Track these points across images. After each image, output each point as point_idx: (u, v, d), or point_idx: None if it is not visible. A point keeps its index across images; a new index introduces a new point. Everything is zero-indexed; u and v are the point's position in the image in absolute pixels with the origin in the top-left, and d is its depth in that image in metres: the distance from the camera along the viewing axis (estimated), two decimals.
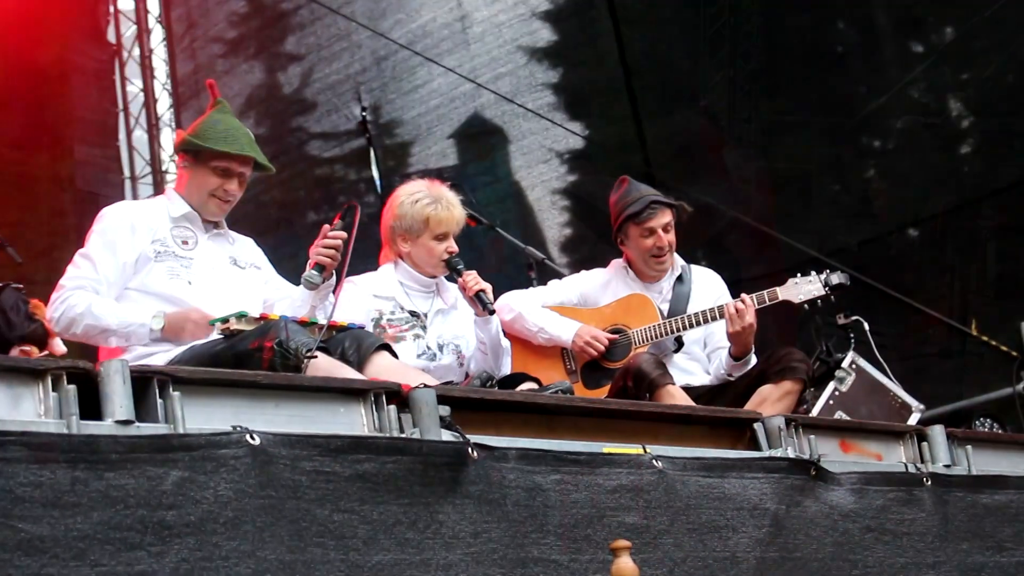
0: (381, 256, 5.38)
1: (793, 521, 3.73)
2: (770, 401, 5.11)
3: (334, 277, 4.57)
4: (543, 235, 9.29)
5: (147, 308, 4.35)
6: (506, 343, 5.21)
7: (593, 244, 8.61)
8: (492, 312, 4.99)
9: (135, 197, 10.00)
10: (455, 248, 5.15)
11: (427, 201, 5.14)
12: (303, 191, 10.35)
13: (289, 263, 5.40)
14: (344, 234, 4.54)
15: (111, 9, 10.62)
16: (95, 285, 4.35)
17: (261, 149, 4.73)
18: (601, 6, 8.82)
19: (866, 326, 6.13)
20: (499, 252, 8.48)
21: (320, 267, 4.52)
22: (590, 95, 9.14)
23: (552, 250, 9.19)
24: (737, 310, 5.32)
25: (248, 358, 3.92)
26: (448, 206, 5.14)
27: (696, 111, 8.79)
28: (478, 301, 4.99)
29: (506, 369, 5.11)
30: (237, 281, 4.61)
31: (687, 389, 5.31)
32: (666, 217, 5.68)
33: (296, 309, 4.53)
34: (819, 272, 5.47)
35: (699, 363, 5.69)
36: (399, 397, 3.26)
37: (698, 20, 8.63)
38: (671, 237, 5.68)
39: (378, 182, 9.33)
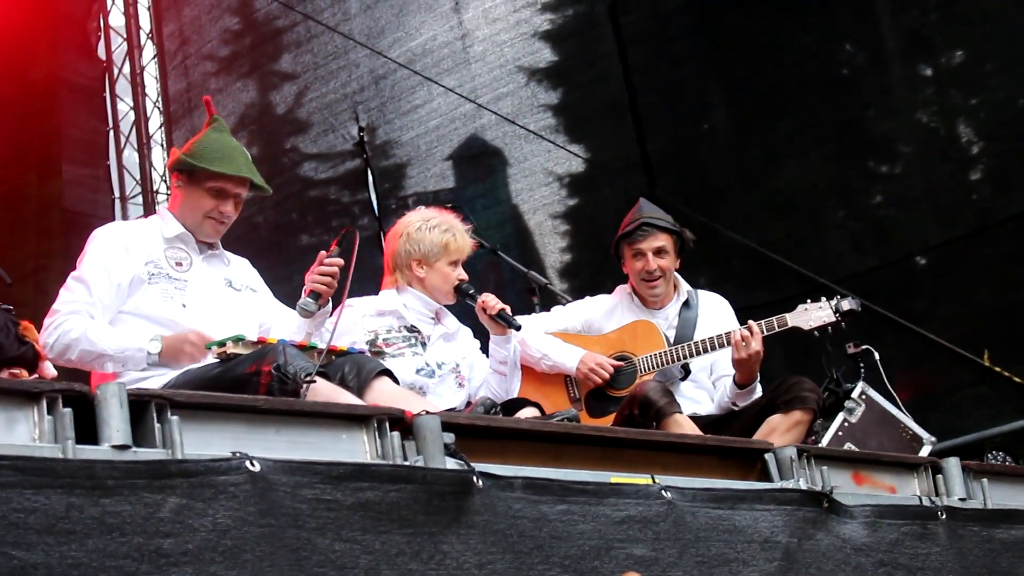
0: (384, 283, 5.40)
1: (805, 554, 3.72)
2: (779, 431, 5.11)
3: (330, 304, 4.57)
4: (542, 260, 9.28)
5: (143, 332, 4.34)
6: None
7: (594, 270, 8.61)
8: (519, 328, 5.09)
9: (125, 217, 10.03)
10: (465, 276, 5.27)
11: (444, 228, 5.29)
12: (296, 213, 10.35)
13: (282, 286, 5.39)
14: (341, 261, 4.54)
15: (101, 25, 10.64)
16: (89, 309, 4.34)
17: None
18: (605, 26, 8.84)
19: (876, 355, 6.13)
20: (497, 276, 8.49)
21: (316, 295, 4.51)
22: (592, 116, 9.14)
23: (551, 275, 9.18)
24: (743, 337, 5.33)
25: (245, 383, 3.92)
26: (462, 234, 5.29)
27: (701, 133, 8.80)
28: (502, 320, 5.08)
29: (515, 392, 5.14)
30: (233, 304, 4.61)
31: (694, 418, 5.32)
32: (658, 241, 5.69)
33: (291, 335, 4.52)
34: (829, 298, 5.47)
35: (706, 391, 5.70)
36: (402, 424, 3.24)
37: (704, 40, 8.66)
38: (664, 262, 5.69)
39: (375, 204, 9.34)
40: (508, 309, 5.09)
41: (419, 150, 9.56)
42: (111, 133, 10.64)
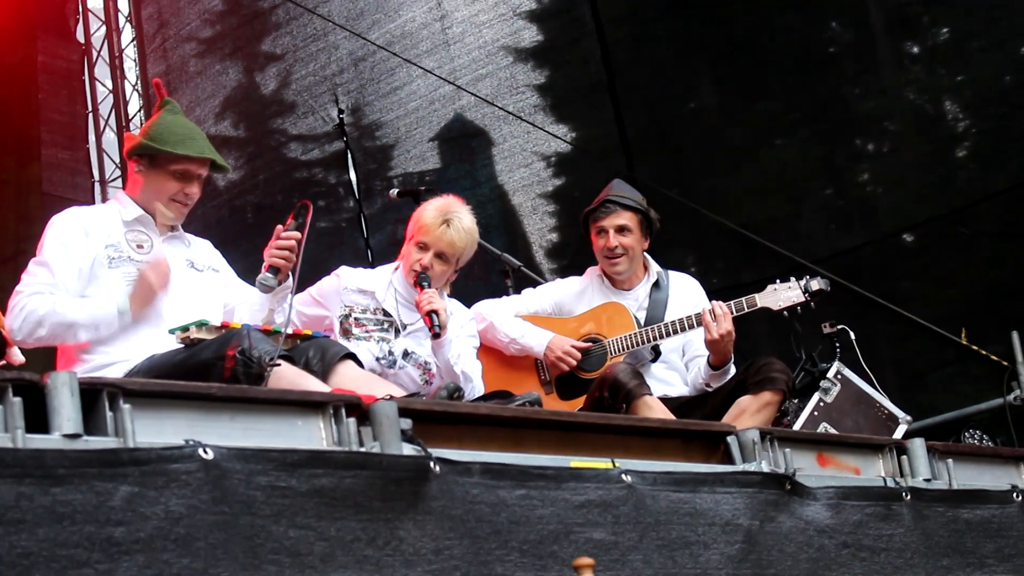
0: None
1: (767, 537, 3.74)
2: (749, 412, 5.15)
3: (291, 278, 4.60)
4: (528, 240, 9.31)
5: (108, 296, 4.37)
6: (471, 369, 5.17)
7: (579, 249, 8.64)
8: (437, 336, 4.96)
9: (104, 200, 10.00)
10: (427, 264, 5.16)
11: (430, 209, 5.24)
12: (280, 195, 10.35)
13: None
14: (298, 234, 4.57)
15: (80, 8, 10.64)
16: (52, 290, 4.37)
17: (238, 152, 4.78)
18: (583, 5, 8.86)
19: (852, 335, 6.16)
20: (483, 260, 8.51)
21: (275, 269, 4.56)
22: (574, 97, 9.16)
23: (538, 256, 9.22)
24: (715, 317, 5.37)
25: (209, 368, 3.95)
26: (443, 222, 5.18)
27: (683, 113, 8.81)
28: (428, 322, 4.99)
29: (475, 394, 5.11)
30: (195, 285, 4.65)
31: (665, 400, 5.35)
32: (620, 219, 5.73)
33: (254, 313, 4.56)
34: (799, 278, 5.52)
35: (677, 373, 5.73)
36: (359, 410, 3.27)
37: (685, 19, 8.67)
38: (626, 240, 5.72)
39: (355, 186, 9.36)
40: (442, 312, 4.97)
41: (400, 132, 9.57)
42: (90, 116, 10.63)
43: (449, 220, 5.19)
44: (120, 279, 4.46)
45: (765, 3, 8.33)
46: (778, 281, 5.55)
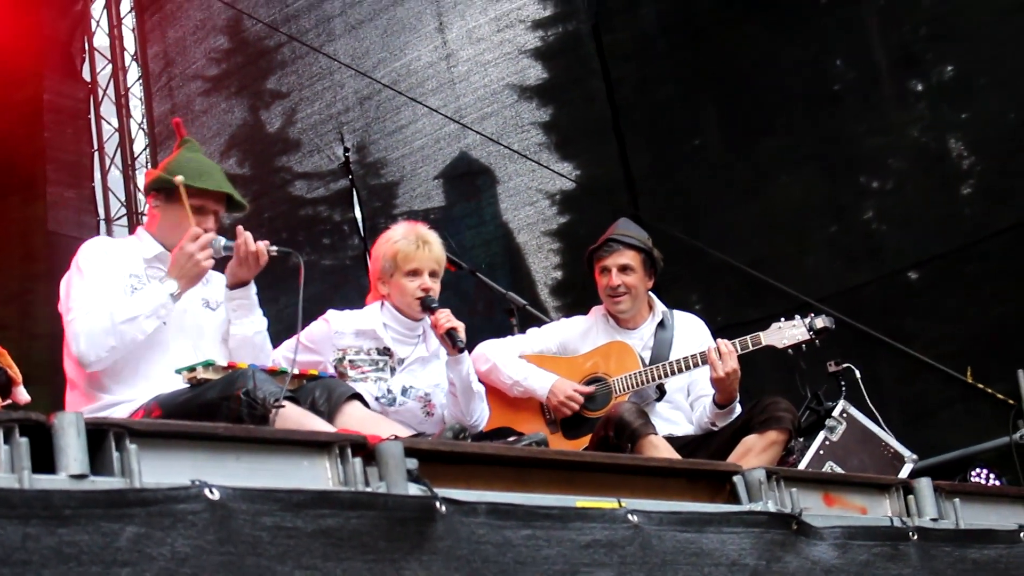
0: (368, 298, 5.42)
1: None
2: (755, 452, 5.16)
3: (254, 286, 4.70)
4: (533, 278, 9.33)
5: (153, 286, 4.43)
6: (479, 388, 5.22)
7: (584, 287, 8.66)
8: (463, 350, 5.02)
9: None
10: (429, 286, 5.19)
11: (395, 239, 5.24)
12: (286, 232, 10.39)
13: (269, 307, 5.43)
14: (212, 236, 4.60)
15: (86, 46, 10.69)
16: (100, 304, 4.38)
17: (243, 189, 4.80)
18: (589, 43, 8.91)
19: (857, 373, 6.17)
20: (487, 297, 8.53)
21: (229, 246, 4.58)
22: (579, 135, 9.20)
23: (542, 294, 9.24)
24: (720, 355, 5.38)
25: (215, 408, 3.97)
26: (420, 243, 5.22)
27: (688, 150, 8.85)
28: (448, 339, 5.03)
29: (479, 415, 5.12)
30: (209, 324, 4.67)
31: (670, 439, 5.35)
32: (623, 258, 5.75)
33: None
34: (803, 316, 5.53)
35: (682, 412, 5.73)
36: (365, 450, 3.27)
37: (689, 57, 8.71)
38: (629, 279, 5.74)
39: (360, 224, 9.40)
40: (460, 329, 5.03)
41: (405, 170, 9.62)
42: (96, 154, 10.67)
43: (424, 239, 5.25)
44: None
45: (769, 40, 8.38)
46: (783, 319, 5.56)
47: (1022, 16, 7.49)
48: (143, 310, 4.35)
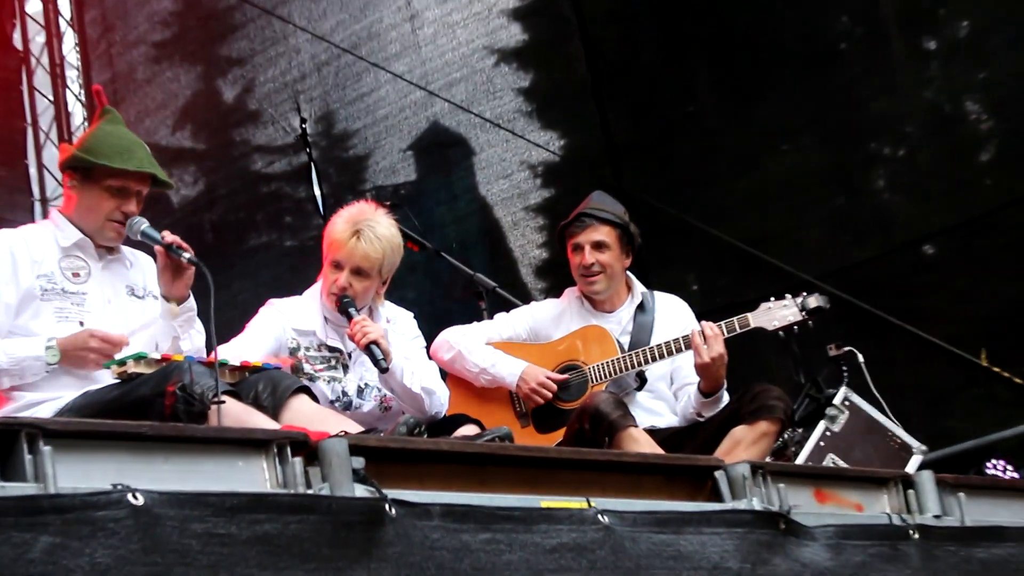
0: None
1: None
2: (744, 444, 5.18)
3: (191, 299, 4.63)
4: (513, 257, 9.33)
5: (37, 339, 4.37)
6: (433, 384, 5.15)
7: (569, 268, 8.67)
8: (384, 370, 4.90)
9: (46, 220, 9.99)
10: (345, 284, 5.08)
11: (338, 220, 5.18)
12: (243, 211, 10.37)
13: (221, 294, 5.39)
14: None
15: (16, 12, 10.62)
16: None
17: (195, 165, 4.77)
18: (566, 2, 8.89)
19: (860, 358, 6.17)
20: (462, 280, 8.52)
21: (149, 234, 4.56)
22: (559, 101, 9.19)
23: (524, 274, 9.24)
24: (705, 339, 5.38)
25: (148, 405, 3.97)
26: (352, 233, 5.10)
27: (677, 118, 8.84)
28: (369, 355, 4.93)
29: (437, 407, 5.08)
30: (136, 314, 4.65)
31: (652, 432, 5.36)
32: (597, 234, 5.75)
33: (162, 333, 4.55)
34: (795, 295, 5.54)
35: (665, 402, 5.74)
36: (306, 448, 3.26)
37: (678, 16, 8.69)
38: (603, 257, 5.74)
39: (320, 202, 9.37)
40: (382, 340, 4.91)
41: (368, 142, 9.61)
42: (29, 129, 10.61)
43: (359, 231, 5.11)
44: (51, 314, 4.45)
45: None
46: (772, 299, 5.57)
47: None
48: (5, 362, 4.33)
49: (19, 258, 4.49)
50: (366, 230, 5.11)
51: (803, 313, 5.51)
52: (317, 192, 9.11)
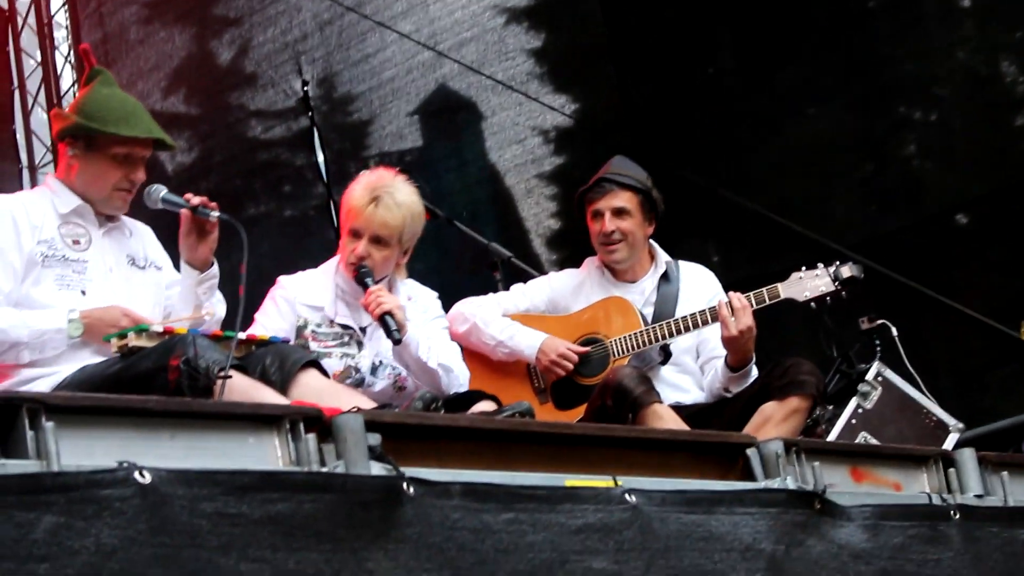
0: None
1: (794, 563, 3.73)
2: (774, 421, 5.18)
3: (216, 266, 4.62)
4: (524, 227, 9.32)
5: (59, 311, 4.36)
6: (447, 358, 5.15)
7: (584, 238, 8.65)
8: (398, 342, 4.92)
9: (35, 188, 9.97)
10: (364, 253, 5.11)
11: (356, 186, 5.20)
12: (239, 179, 10.36)
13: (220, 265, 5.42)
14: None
15: None
16: None
17: (189, 130, 4.77)
18: None
19: (894, 331, 6.15)
20: (472, 251, 8.52)
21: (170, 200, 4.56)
22: (574, 62, 9.16)
23: (535, 245, 9.23)
24: (733, 311, 5.38)
25: (150, 380, 3.97)
26: (371, 200, 5.12)
27: (698, 80, 8.82)
28: (383, 326, 4.95)
29: (454, 386, 5.09)
30: (137, 285, 4.66)
31: (677, 408, 5.37)
32: (617, 200, 5.74)
33: (178, 305, 4.54)
34: (827, 264, 5.52)
35: (691, 376, 5.75)
36: (320, 424, 3.26)
37: None
38: (624, 224, 5.74)
39: (323, 169, 9.37)
40: (398, 312, 4.93)
41: (373, 106, 9.58)
42: (16, 93, 10.61)
43: (378, 198, 5.12)
44: (52, 282, 4.44)
45: None
46: (804, 268, 5.55)
47: None
48: (27, 336, 4.33)
49: (20, 223, 4.49)
50: (385, 197, 5.13)
51: (836, 283, 5.50)
52: (320, 158, 9.11)
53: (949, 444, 5.76)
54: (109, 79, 4.74)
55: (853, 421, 5.76)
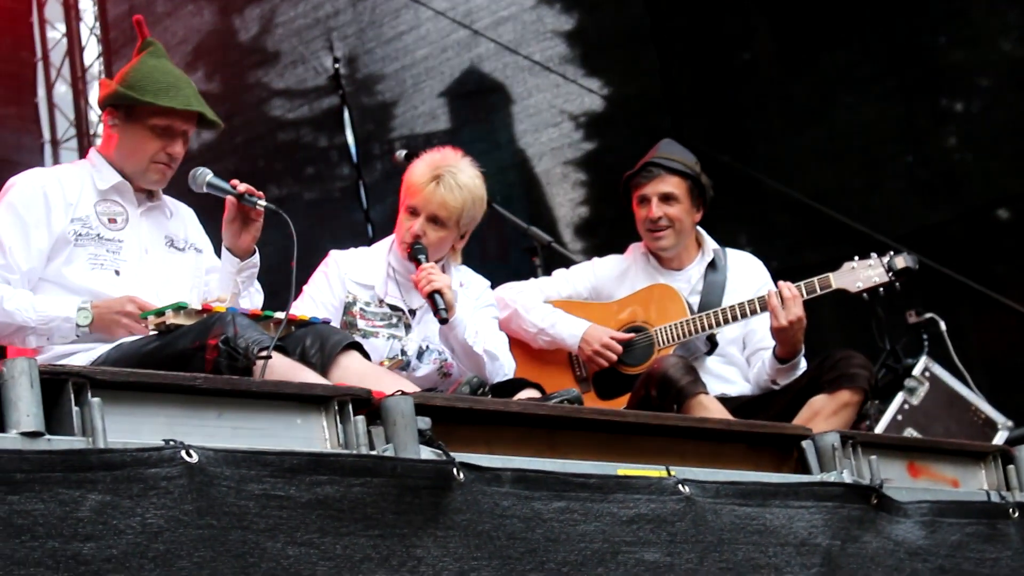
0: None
1: (849, 559, 3.74)
2: (823, 415, 5.14)
3: (257, 255, 4.60)
4: (553, 214, 9.31)
5: (70, 299, 4.34)
6: (494, 345, 5.11)
7: (615, 226, 8.64)
8: (444, 321, 4.90)
9: (56, 164, 9.97)
10: (419, 232, 5.08)
11: (419, 164, 5.16)
12: (263, 160, 10.36)
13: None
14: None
15: None
16: (5, 273, 4.34)
17: (212, 108, 4.72)
18: None
19: (942, 325, 6.13)
20: (501, 235, 8.49)
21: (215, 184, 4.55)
22: (610, 45, 9.14)
23: (564, 232, 9.21)
24: (783, 300, 5.35)
25: (188, 359, 3.93)
26: (431, 178, 5.08)
27: (738, 65, 8.79)
28: (431, 303, 4.94)
29: (499, 375, 5.06)
30: (174, 267, 4.62)
31: (723, 400, 5.34)
32: (665, 185, 5.70)
33: (221, 286, 4.53)
34: (881, 255, 5.49)
35: (737, 368, 5.72)
36: (369, 406, 3.26)
37: None
38: (672, 210, 5.70)
39: (353, 149, 9.35)
40: (446, 291, 4.91)
41: (405, 85, 9.57)
42: (39, 65, 10.62)
43: (440, 176, 5.08)
44: (85, 261, 4.41)
45: None
46: (856, 258, 5.51)
47: None
48: (34, 321, 4.28)
49: (52, 200, 4.44)
50: (447, 176, 5.09)
51: (890, 274, 5.45)
52: (350, 138, 9.08)
53: (997, 441, 5.75)
54: (159, 51, 4.70)
55: (899, 417, 5.75)
